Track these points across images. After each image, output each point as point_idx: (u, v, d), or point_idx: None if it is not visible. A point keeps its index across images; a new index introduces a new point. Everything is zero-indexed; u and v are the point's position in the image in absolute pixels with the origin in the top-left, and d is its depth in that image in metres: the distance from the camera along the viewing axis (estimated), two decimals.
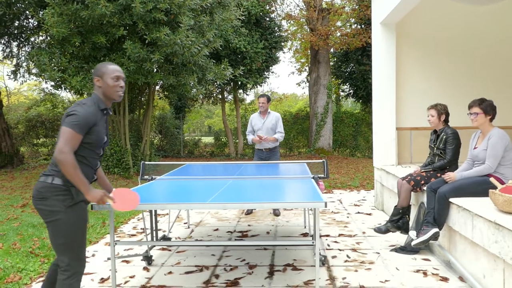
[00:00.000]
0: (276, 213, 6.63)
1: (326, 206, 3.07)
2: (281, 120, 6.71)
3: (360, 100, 19.85)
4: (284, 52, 19.14)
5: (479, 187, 3.99)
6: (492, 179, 3.65)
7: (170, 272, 4.14)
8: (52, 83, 10.14)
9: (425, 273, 3.98)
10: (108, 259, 4.60)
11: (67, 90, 10.41)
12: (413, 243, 4.25)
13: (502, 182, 3.91)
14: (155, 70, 10.64)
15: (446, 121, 4.87)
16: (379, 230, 4.86)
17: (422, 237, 4.16)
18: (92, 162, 2.76)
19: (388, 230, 4.85)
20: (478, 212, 3.41)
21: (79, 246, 2.69)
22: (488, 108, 4.11)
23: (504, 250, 3.02)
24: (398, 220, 4.84)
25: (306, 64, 22.28)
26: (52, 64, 9.13)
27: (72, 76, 9.24)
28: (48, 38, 10.05)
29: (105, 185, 3.04)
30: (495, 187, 3.54)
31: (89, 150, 2.69)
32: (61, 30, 8.51)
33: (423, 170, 4.89)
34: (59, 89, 10.47)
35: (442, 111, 4.84)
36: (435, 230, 4.13)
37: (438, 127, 4.90)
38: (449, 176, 4.23)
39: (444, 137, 4.76)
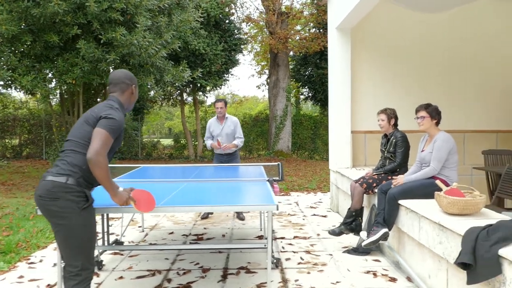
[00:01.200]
0: (240, 217, 6.56)
1: (277, 209, 3.09)
2: (240, 124, 6.59)
3: (319, 103, 20.16)
4: (243, 55, 19.22)
5: (426, 189, 4.13)
6: (438, 182, 3.78)
7: (121, 277, 4.06)
8: (1, 83, 9.73)
9: (375, 274, 4.07)
10: (54, 264, 4.45)
11: (17, 90, 10.03)
12: (363, 243, 4.34)
13: (447, 185, 4.06)
14: (111, 70, 10.42)
15: (395, 124, 5.01)
16: (333, 233, 4.94)
17: (372, 237, 4.26)
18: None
19: (342, 232, 4.93)
20: (424, 214, 3.52)
21: (91, 249, 2.62)
22: (433, 112, 4.27)
23: (447, 250, 3.13)
24: (352, 222, 4.93)
25: (266, 67, 22.42)
26: (1, 63, 8.77)
27: (23, 76, 8.91)
28: None
29: None
30: (440, 189, 3.67)
31: (109, 152, 2.67)
32: (11, 28, 8.19)
33: (375, 173, 5.01)
34: (9, 89, 10.07)
35: (392, 115, 4.98)
36: (385, 230, 4.24)
37: (388, 131, 5.03)
38: (397, 180, 4.36)
39: (394, 140, 4.89)
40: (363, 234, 4.54)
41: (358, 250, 4.72)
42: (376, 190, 4.71)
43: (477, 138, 7.33)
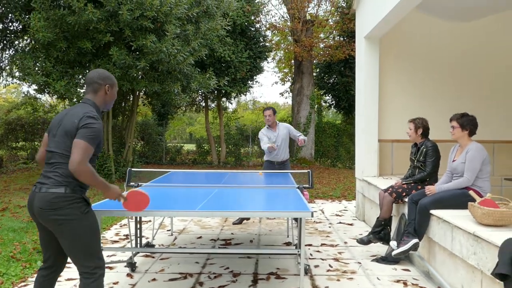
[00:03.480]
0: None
1: (312, 216, 3.14)
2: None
3: (342, 111, 20.11)
4: (268, 62, 19.33)
5: (458, 199, 4.12)
6: (471, 192, 3.78)
7: (154, 279, 4.15)
8: (36, 87, 10.05)
9: (405, 283, 4.08)
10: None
11: (50, 95, 10.32)
12: (393, 253, 4.35)
13: (480, 195, 4.04)
14: (140, 77, 10.64)
15: (424, 135, 5.00)
16: (361, 241, 4.94)
17: (403, 247, 4.26)
18: (94, 166, 2.81)
19: (370, 241, 4.94)
20: (458, 224, 3.52)
21: (99, 247, 2.75)
22: (465, 123, 4.25)
23: (482, 261, 3.13)
24: (380, 232, 4.93)
25: (289, 74, 22.50)
26: (36, 68, 9.06)
27: (57, 81, 9.18)
28: (33, 42, 9.97)
29: None
30: (474, 200, 3.66)
31: (92, 157, 2.73)
32: (47, 35, 8.47)
33: (404, 182, 5.01)
34: (42, 93, 10.38)
35: (420, 125, 4.98)
36: (415, 240, 4.24)
37: (416, 140, 5.04)
38: (429, 189, 4.36)
39: (424, 150, 4.89)
40: (393, 243, 4.54)
41: (387, 259, 4.72)
42: (405, 200, 4.71)
43: (507, 148, 7.24)
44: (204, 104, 19.06)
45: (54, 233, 2.68)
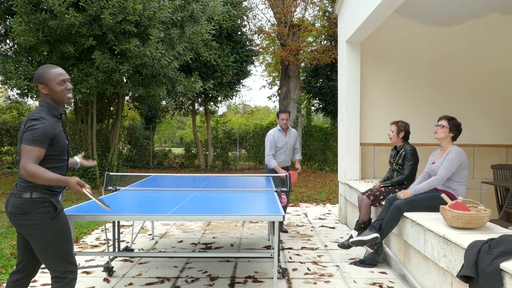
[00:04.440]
0: (283, 229, 6.45)
1: (283, 220, 3.16)
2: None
3: (329, 115, 20.18)
4: (255, 66, 19.37)
5: (431, 201, 4.17)
6: (443, 195, 3.83)
7: (130, 284, 4.14)
8: (18, 91, 9.97)
9: (381, 286, 4.11)
10: None
11: (34, 98, 10.25)
12: (351, 240, 4.51)
13: (454, 198, 4.09)
14: (124, 80, 10.60)
15: (405, 138, 5.07)
16: (343, 246, 4.96)
17: (362, 237, 4.40)
18: (62, 169, 2.77)
19: (351, 246, 4.97)
20: (430, 227, 3.56)
21: (69, 252, 2.73)
22: (454, 126, 4.29)
23: (451, 263, 3.17)
24: (360, 235, 4.96)
25: (277, 78, 22.55)
26: (19, 72, 9.00)
27: None
28: (15, 46, 9.90)
29: None
30: (446, 203, 3.71)
31: (55, 159, 2.70)
32: (29, 39, 8.42)
33: (382, 186, 5.06)
34: (25, 97, 10.31)
35: (402, 128, 5.04)
36: (376, 235, 4.34)
37: (397, 143, 5.10)
38: (404, 193, 4.39)
39: (403, 153, 4.95)
40: (354, 232, 4.68)
41: (364, 262, 4.76)
42: (383, 203, 4.76)
43: (487, 152, 7.33)
44: (191, 108, 19.05)
45: (26, 237, 2.68)
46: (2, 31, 10.50)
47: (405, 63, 7.37)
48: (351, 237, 4.96)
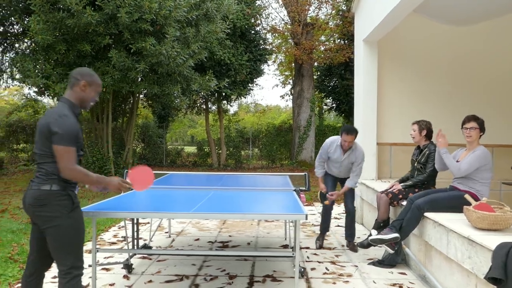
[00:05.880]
0: (355, 249, 5.41)
1: (306, 219, 3.15)
2: (364, 157, 5.39)
3: (343, 114, 20.10)
4: (268, 65, 19.34)
5: (454, 202, 4.11)
6: (467, 196, 3.78)
7: (150, 281, 4.16)
8: (36, 89, 10.08)
9: (401, 287, 4.07)
10: (89, 266, 4.58)
11: (50, 97, 10.35)
12: (370, 238, 4.44)
13: (477, 199, 4.04)
14: (140, 79, 10.66)
15: (428, 137, 5.02)
16: (361, 245, 4.91)
17: (382, 236, 4.32)
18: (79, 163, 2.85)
19: (370, 244, 4.93)
20: (453, 228, 3.52)
21: (80, 248, 2.77)
22: (482, 125, 4.22)
23: (476, 265, 3.13)
24: (380, 233, 4.93)
25: (290, 77, 22.51)
26: (36, 71, 9.09)
27: (56, 83, 9.20)
28: (33, 44, 10.01)
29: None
30: (469, 204, 3.66)
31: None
32: (46, 37, 8.50)
33: (404, 187, 5.00)
34: (42, 96, 10.42)
35: (424, 127, 4.99)
36: (396, 235, 4.28)
37: (420, 143, 5.05)
38: (440, 142, 4.37)
39: (427, 152, 4.91)
40: (373, 231, 4.61)
41: (383, 263, 4.72)
42: (402, 203, 4.72)
43: (505, 152, 7.23)
44: (204, 107, 19.09)
45: (42, 230, 2.72)
46: (20, 30, 10.61)
47: (422, 63, 7.30)
48: (370, 235, 4.92)
